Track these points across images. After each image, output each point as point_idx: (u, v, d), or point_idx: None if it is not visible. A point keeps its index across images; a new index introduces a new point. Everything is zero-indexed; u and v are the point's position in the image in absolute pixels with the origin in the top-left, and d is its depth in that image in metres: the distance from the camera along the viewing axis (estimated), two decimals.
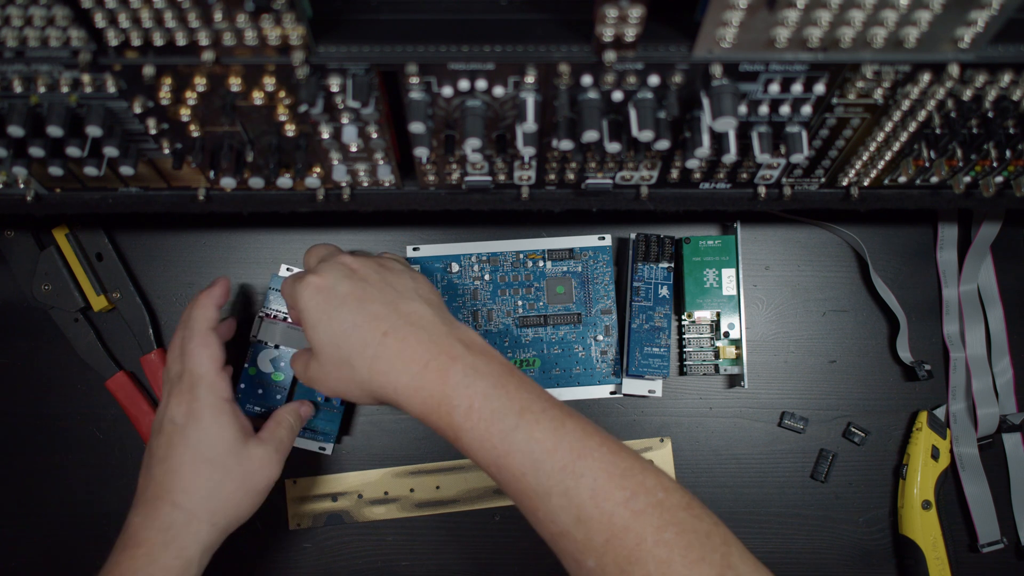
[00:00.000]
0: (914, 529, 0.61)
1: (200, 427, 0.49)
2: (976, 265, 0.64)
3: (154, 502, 0.48)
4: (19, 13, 0.36)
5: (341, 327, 0.46)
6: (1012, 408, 0.63)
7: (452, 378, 0.43)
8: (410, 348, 0.45)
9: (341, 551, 0.63)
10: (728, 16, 0.36)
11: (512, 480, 0.42)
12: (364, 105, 0.40)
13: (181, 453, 0.49)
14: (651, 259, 0.61)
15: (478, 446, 0.43)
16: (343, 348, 0.46)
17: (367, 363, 0.45)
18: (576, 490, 0.41)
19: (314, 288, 0.47)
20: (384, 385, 0.45)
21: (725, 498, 0.64)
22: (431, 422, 0.44)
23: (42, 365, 0.64)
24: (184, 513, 0.48)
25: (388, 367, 0.45)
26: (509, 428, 0.42)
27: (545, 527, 0.42)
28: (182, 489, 0.48)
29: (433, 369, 0.44)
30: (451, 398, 0.43)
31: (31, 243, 0.62)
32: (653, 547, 0.39)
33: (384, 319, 0.46)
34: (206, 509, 0.49)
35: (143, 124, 0.43)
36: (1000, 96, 0.42)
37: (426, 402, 0.44)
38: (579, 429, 0.43)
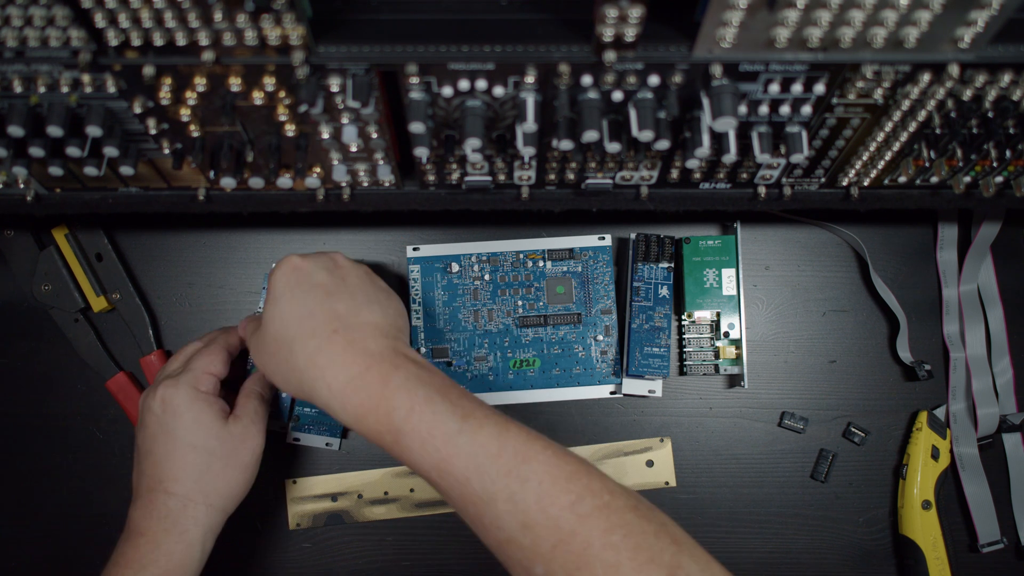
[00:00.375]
0: (914, 529, 0.61)
1: (178, 415, 0.50)
2: (976, 265, 0.64)
3: (149, 494, 0.50)
4: (19, 13, 0.36)
5: (298, 310, 0.46)
6: (1012, 408, 0.63)
7: (393, 382, 0.43)
8: (354, 350, 0.44)
9: (341, 551, 0.63)
10: (728, 16, 0.36)
11: (455, 485, 0.41)
12: (364, 105, 0.40)
13: (164, 443, 0.50)
14: (651, 259, 0.61)
15: (419, 449, 0.42)
16: (290, 329, 0.46)
17: (308, 354, 0.45)
18: (522, 495, 0.40)
19: (292, 266, 0.48)
20: (317, 379, 0.44)
21: (725, 498, 0.64)
22: (366, 425, 0.43)
23: (42, 365, 0.64)
24: (178, 499, 0.49)
25: (327, 363, 0.44)
26: (452, 432, 0.42)
27: (491, 534, 0.41)
28: (172, 477, 0.50)
29: (374, 372, 0.44)
30: (391, 400, 0.43)
31: (31, 243, 0.62)
32: (601, 551, 0.39)
33: (340, 318, 0.46)
34: (199, 492, 0.50)
35: (143, 124, 0.43)
36: (1000, 96, 0.42)
37: (363, 403, 0.43)
38: (522, 434, 0.42)
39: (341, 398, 0.44)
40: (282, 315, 0.46)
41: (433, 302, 0.63)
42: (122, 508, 0.63)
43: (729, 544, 0.64)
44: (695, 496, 0.64)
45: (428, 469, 0.42)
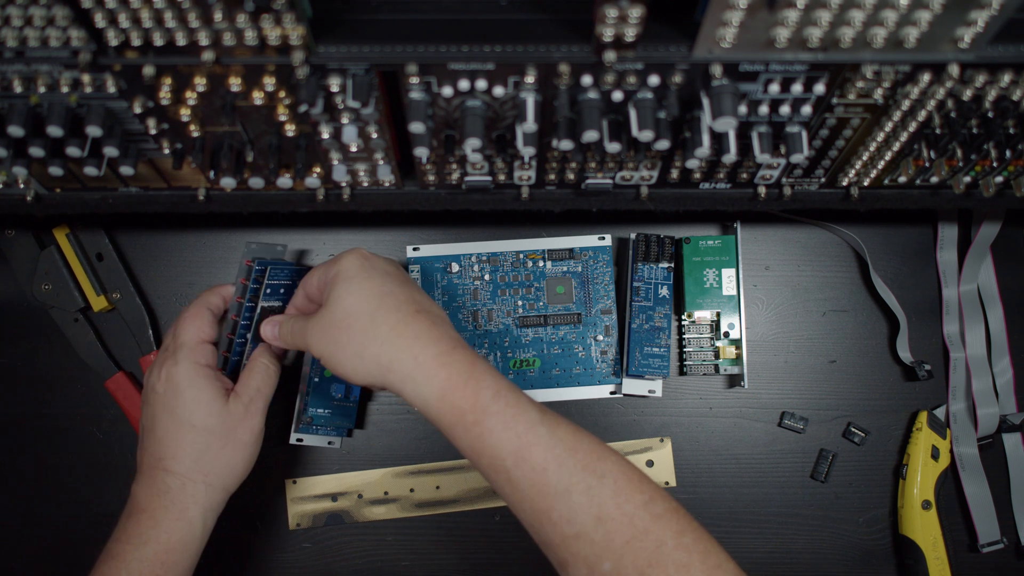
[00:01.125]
0: (914, 529, 0.61)
1: (178, 393, 0.50)
2: (976, 265, 0.64)
3: (150, 471, 0.50)
4: (19, 13, 0.36)
5: (379, 288, 0.46)
6: (1012, 408, 0.63)
7: (479, 365, 0.44)
8: (439, 331, 0.45)
9: (341, 551, 0.63)
10: (728, 16, 0.36)
11: (530, 474, 0.41)
12: (364, 105, 0.40)
13: (165, 421, 0.50)
14: (651, 259, 0.61)
15: (501, 431, 0.42)
16: (372, 303, 0.45)
17: (392, 324, 0.45)
18: (598, 488, 0.41)
19: (361, 254, 0.48)
20: (402, 351, 0.44)
21: (725, 498, 0.64)
22: (448, 402, 0.43)
23: (42, 365, 0.64)
24: (177, 478, 0.49)
25: (415, 336, 0.44)
26: (534, 420, 0.42)
27: (558, 529, 0.41)
28: (172, 456, 0.50)
29: (461, 352, 0.44)
30: (479, 379, 0.43)
31: (31, 243, 0.62)
32: (673, 551, 0.40)
33: (419, 303, 0.46)
34: (198, 471, 0.50)
35: (143, 124, 0.43)
36: (1000, 96, 0.42)
37: (451, 378, 0.43)
38: (593, 437, 0.44)
39: (428, 370, 0.43)
40: (360, 290, 0.46)
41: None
42: (122, 508, 0.63)
43: (729, 544, 0.63)
44: (695, 496, 0.64)
45: (505, 455, 0.42)
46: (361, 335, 0.45)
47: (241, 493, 0.64)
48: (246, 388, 0.53)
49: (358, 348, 0.45)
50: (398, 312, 0.45)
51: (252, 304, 0.56)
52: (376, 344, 0.45)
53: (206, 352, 0.52)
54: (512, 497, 0.43)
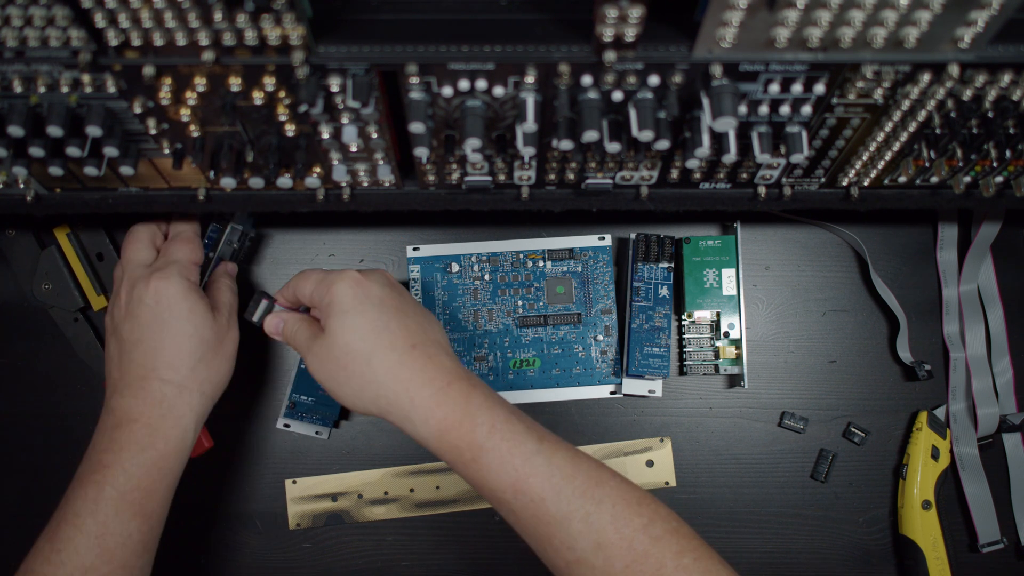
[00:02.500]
0: (914, 529, 0.61)
1: (173, 305, 0.50)
2: (976, 265, 0.64)
3: (140, 382, 0.50)
4: (19, 13, 0.36)
5: (373, 324, 0.46)
6: (1012, 408, 0.63)
7: (474, 399, 0.44)
8: (435, 366, 0.45)
9: (341, 551, 0.63)
10: (728, 16, 0.36)
11: (529, 505, 0.42)
12: (364, 105, 0.40)
13: (158, 332, 0.50)
14: (651, 259, 0.61)
15: (497, 466, 0.43)
16: (368, 342, 0.46)
17: (388, 366, 0.45)
18: (597, 515, 0.41)
19: (354, 280, 0.48)
20: (399, 394, 0.45)
21: (725, 498, 0.64)
22: (446, 441, 0.44)
23: (42, 365, 0.64)
24: (174, 386, 0.50)
25: (410, 376, 0.45)
26: (531, 451, 0.43)
27: (560, 555, 0.42)
28: (167, 365, 0.50)
29: (456, 389, 0.44)
30: (474, 416, 0.43)
31: (32, 242, 0.62)
32: (673, 572, 0.40)
33: (415, 334, 0.46)
34: (194, 380, 0.51)
35: (143, 124, 0.43)
36: (1000, 96, 0.42)
37: (446, 418, 0.44)
38: (592, 461, 0.44)
39: (424, 412, 0.44)
40: (355, 327, 0.46)
41: (433, 302, 0.63)
42: None
43: (729, 544, 0.64)
44: (695, 496, 0.64)
45: (503, 488, 0.43)
46: (359, 376, 0.46)
47: (241, 493, 0.64)
48: (222, 303, 0.55)
49: (356, 388, 0.46)
50: (393, 352, 0.45)
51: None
52: (374, 386, 0.45)
53: (195, 273, 0.54)
54: (516, 525, 0.44)
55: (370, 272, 0.50)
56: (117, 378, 0.51)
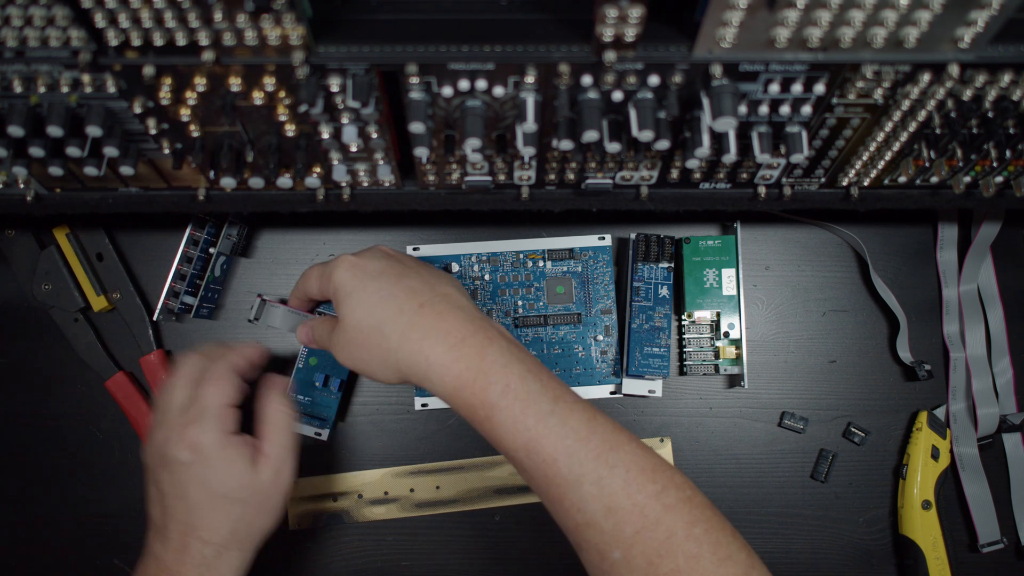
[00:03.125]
0: (914, 529, 0.61)
1: (209, 464, 0.47)
2: (976, 265, 0.64)
3: (183, 539, 0.48)
4: (19, 13, 0.36)
5: (377, 295, 0.46)
6: (1012, 408, 0.63)
7: (489, 356, 0.44)
8: (446, 322, 0.45)
9: (341, 551, 0.63)
10: (728, 16, 0.36)
11: (541, 465, 0.42)
12: (364, 105, 0.40)
13: (196, 492, 0.48)
14: (651, 259, 0.61)
15: (510, 426, 0.42)
16: (376, 314, 0.46)
17: (400, 330, 0.45)
18: (609, 479, 0.41)
19: (349, 263, 0.48)
20: (414, 354, 0.44)
21: (725, 498, 0.64)
22: (461, 398, 0.44)
23: (42, 365, 0.64)
24: (214, 548, 0.48)
25: (423, 336, 0.44)
26: (544, 412, 0.42)
27: (570, 516, 0.42)
28: (207, 527, 0.48)
29: (471, 344, 0.44)
30: (488, 374, 0.43)
31: (32, 242, 0.62)
32: (683, 541, 0.40)
33: (421, 293, 0.46)
34: (233, 540, 0.48)
35: (143, 124, 0.43)
36: (1000, 96, 0.42)
37: (460, 375, 0.43)
38: (609, 423, 0.43)
39: (440, 369, 0.44)
40: (361, 304, 0.46)
41: None
42: (122, 508, 0.63)
43: None
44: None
45: (516, 448, 0.42)
46: (377, 348, 0.46)
47: None
48: (274, 449, 0.50)
49: (379, 361, 0.46)
50: (402, 315, 0.45)
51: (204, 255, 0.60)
52: (392, 352, 0.45)
53: (232, 418, 0.49)
54: (529, 483, 0.44)
55: (365, 250, 0.50)
56: (160, 525, 0.49)
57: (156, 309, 0.60)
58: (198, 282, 0.61)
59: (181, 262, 0.60)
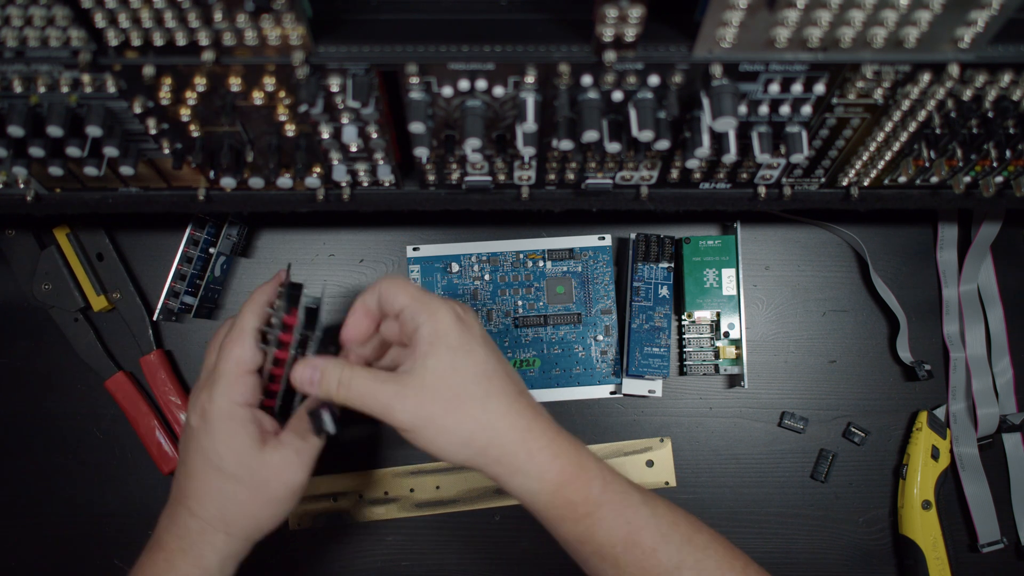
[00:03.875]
0: (914, 529, 0.61)
1: (210, 433, 0.45)
2: (976, 265, 0.64)
3: (175, 506, 0.46)
4: (19, 13, 0.36)
5: (483, 366, 0.43)
6: (1012, 408, 0.63)
7: (583, 452, 0.44)
8: (543, 417, 0.44)
9: (341, 551, 0.63)
10: (728, 16, 0.36)
11: (642, 557, 0.42)
12: (364, 105, 0.40)
13: (194, 458, 0.46)
14: (651, 259, 0.61)
15: (612, 520, 0.43)
16: (481, 386, 0.42)
17: (504, 413, 0.43)
18: (705, 562, 0.43)
19: (457, 314, 0.44)
20: (516, 443, 0.42)
21: (725, 498, 0.64)
22: (562, 495, 0.42)
23: (42, 365, 0.64)
24: (198, 521, 0.46)
25: (527, 426, 0.43)
26: (638, 503, 0.43)
27: None
28: (195, 496, 0.46)
29: (564, 441, 0.44)
30: (588, 470, 0.43)
31: (32, 242, 0.62)
32: None
33: (517, 381, 0.45)
34: (220, 519, 0.46)
35: (143, 124, 0.43)
36: (1000, 96, 0.42)
37: (563, 471, 0.43)
38: (681, 509, 0.45)
39: (541, 465, 0.43)
40: (466, 368, 0.43)
41: None
42: (122, 508, 0.63)
43: None
44: (695, 496, 0.64)
45: (616, 541, 0.43)
46: (472, 421, 0.42)
47: None
48: (291, 438, 0.47)
49: (466, 434, 0.42)
50: (507, 398, 0.43)
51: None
52: (488, 433, 0.42)
53: (246, 386, 0.46)
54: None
55: (465, 306, 0.46)
56: (172, 488, 0.48)
57: (156, 309, 0.60)
58: (198, 282, 0.61)
59: (181, 262, 0.60)
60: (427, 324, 0.43)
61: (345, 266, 0.65)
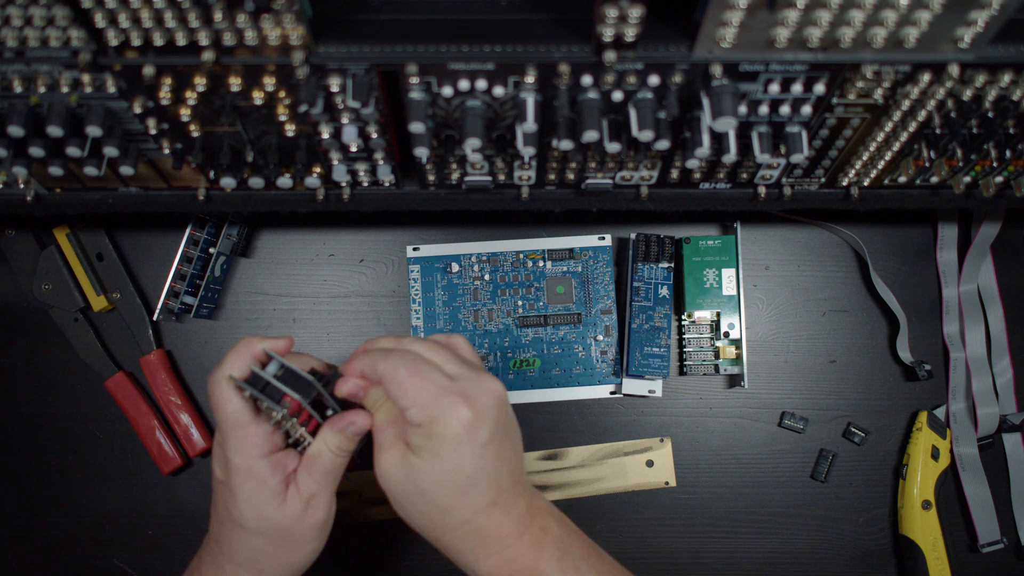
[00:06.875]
0: (914, 529, 0.61)
1: (232, 491, 0.44)
2: (976, 265, 0.64)
3: (211, 543, 0.47)
4: (19, 13, 0.36)
5: (468, 478, 0.41)
6: (1012, 408, 0.63)
7: (545, 552, 0.43)
8: (508, 520, 0.43)
9: (341, 551, 0.63)
10: (728, 16, 0.36)
11: None
12: (364, 105, 0.40)
13: (223, 513, 0.45)
14: (651, 259, 0.61)
15: None
16: (450, 499, 0.41)
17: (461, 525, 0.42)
18: None
19: (467, 421, 0.41)
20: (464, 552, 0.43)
21: (725, 498, 0.64)
22: None
23: (42, 365, 0.64)
24: (232, 566, 0.46)
25: (482, 540, 0.42)
26: None
27: None
28: (227, 544, 0.46)
29: (526, 541, 0.43)
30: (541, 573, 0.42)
31: (32, 242, 0.62)
32: None
33: (498, 486, 0.43)
34: (252, 566, 0.45)
35: (143, 124, 0.43)
36: (1000, 96, 0.42)
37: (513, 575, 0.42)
38: None
39: (489, 570, 0.42)
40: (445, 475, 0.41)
41: (433, 302, 0.63)
42: (122, 508, 0.63)
43: (729, 544, 0.64)
44: (695, 496, 0.64)
45: None
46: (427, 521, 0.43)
47: None
48: (308, 481, 0.45)
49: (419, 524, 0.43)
50: (473, 514, 0.42)
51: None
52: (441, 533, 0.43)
53: (255, 437, 0.43)
54: None
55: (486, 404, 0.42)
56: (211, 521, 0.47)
57: (156, 309, 0.60)
58: (198, 282, 0.61)
59: (181, 262, 0.60)
60: (425, 428, 0.41)
61: (345, 266, 0.65)
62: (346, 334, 0.65)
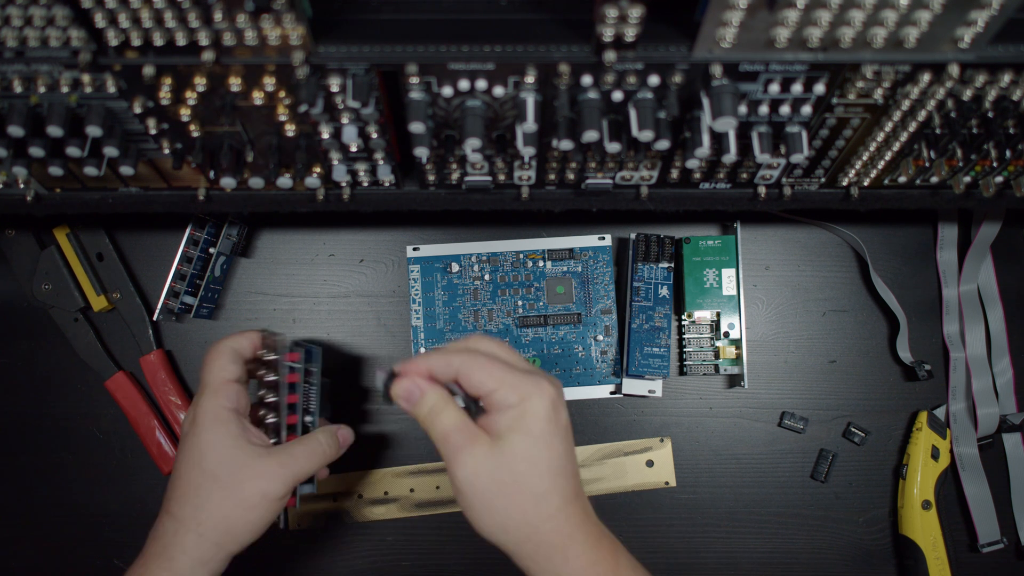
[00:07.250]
0: (914, 529, 0.61)
1: (197, 433, 0.47)
2: (976, 265, 0.64)
3: (160, 514, 0.47)
4: (19, 13, 0.36)
5: (554, 462, 0.42)
6: (1012, 408, 0.63)
7: (621, 561, 0.43)
8: (591, 521, 0.43)
9: (341, 551, 0.63)
10: (728, 16, 0.36)
11: None
12: (364, 105, 0.40)
13: (181, 462, 0.47)
14: (651, 259, 0.61)
15: None
16: (544, 482, 0.41)
17: (552, 514, 0.42)
18: None
19: (551, 400, 0.42)
20: (555, 547, 0.42)
21: (725, 498, 0.64)
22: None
23: (42, 365, 0.64)
24: (174, 522, 0.46)
25: (572, 532, 0.42)
26: None
27: None
28: (177, 498, 0.46)
29: (605, 546, 0.43)
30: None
31: (32, 242, 0.62)
32: None
33: (577, 482, 0.44)
34: (194, 519, 0.45)
35: (143, 124, 0.43)
36: (1000, 96, 0.42)
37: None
38: None
39: (575, 571, 0.42)
40: (539, 459, 0.41)
41: (433, 302, 0.63)
42: (122, 508, 0.63)
43: (729, 544, 0.64)
44: (695, 496, 0.64)
45: None
46: (519, 512, 0.42)
47: None
48: (283, 449, 0.48)
49: (508, 522, 0.42)
50: (562, 499, 0.42)
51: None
52: (530, 529, 0.42)
53: (230, 392, 0.48)
54: None
55: (559, 388, 0.44)
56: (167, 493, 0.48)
57: (156, 309, 0.60)
58: (198, 282, 0.61)
59: (181, 262, 0.60)
60: (516, 407, 0.42)
61: (345, 266, 0.65)
62: (346, 334, 0.65)
